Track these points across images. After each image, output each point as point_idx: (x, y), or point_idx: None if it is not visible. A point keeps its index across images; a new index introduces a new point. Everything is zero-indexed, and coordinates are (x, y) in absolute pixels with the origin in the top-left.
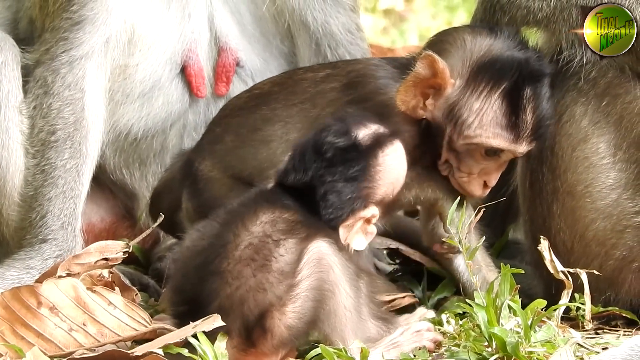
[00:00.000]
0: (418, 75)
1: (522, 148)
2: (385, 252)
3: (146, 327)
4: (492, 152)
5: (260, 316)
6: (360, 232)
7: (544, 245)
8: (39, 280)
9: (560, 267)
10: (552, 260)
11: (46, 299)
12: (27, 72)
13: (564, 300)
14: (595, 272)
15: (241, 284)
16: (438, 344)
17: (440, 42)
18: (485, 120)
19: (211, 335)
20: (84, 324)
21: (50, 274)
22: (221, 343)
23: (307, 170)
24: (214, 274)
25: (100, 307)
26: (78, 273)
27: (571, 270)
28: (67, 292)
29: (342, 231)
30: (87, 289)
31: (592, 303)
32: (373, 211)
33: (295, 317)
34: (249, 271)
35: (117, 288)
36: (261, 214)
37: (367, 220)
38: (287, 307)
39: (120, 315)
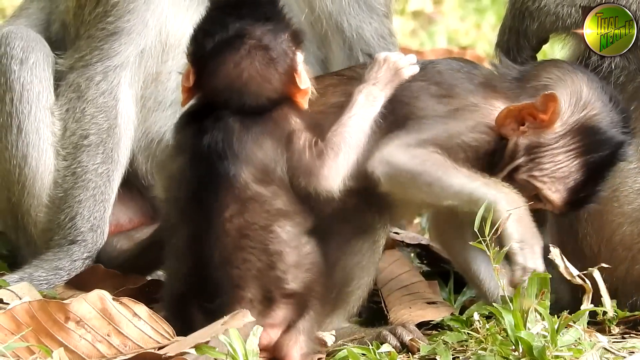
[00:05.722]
0: (534, 107)
1: (564, 210)
2: (412, 253)
3: (169, 340)
4: (538, 198)
5: (272, 288)
6: None
7: (555, 253)
8: (70, 283)
9: (575, 272)
10: (566, 267)
11: (74, 314)
12: (58, 76)
13: (586, 304)
14: (604, 265)
15: (249, 267)
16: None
17: (557, 80)
18: (557, 175)
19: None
20: (108, 335)
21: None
22: (254, 339)
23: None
24: (218, 266)
25: (125, 318)
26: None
27: (586, 272)
28: (94, 304)
29: None
30: (113, 299)
31: (618, 307)
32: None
33: (298, 286)
34: (254, 256)
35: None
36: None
37: None
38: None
39: (144, 327)
